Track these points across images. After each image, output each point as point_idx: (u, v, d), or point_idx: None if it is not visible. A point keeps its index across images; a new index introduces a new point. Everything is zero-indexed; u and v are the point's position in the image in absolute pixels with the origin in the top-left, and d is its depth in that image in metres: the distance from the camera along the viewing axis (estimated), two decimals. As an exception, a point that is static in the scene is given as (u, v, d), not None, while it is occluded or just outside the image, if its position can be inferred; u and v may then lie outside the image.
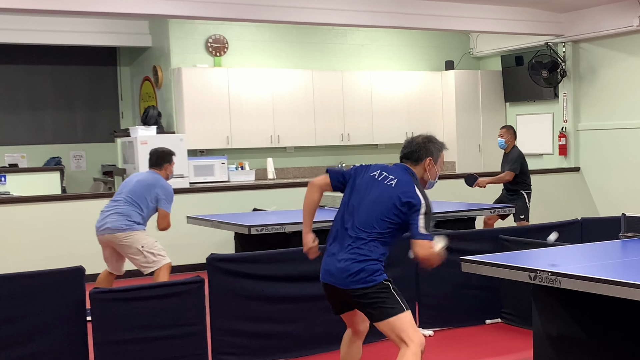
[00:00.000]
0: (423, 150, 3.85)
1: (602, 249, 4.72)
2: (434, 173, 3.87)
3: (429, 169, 3.84)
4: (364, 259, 3.64)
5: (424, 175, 3.85)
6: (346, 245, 3.70)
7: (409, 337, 3.58)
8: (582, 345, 4.20)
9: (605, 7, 10.10)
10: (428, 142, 3.89)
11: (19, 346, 4.26)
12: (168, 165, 6.22)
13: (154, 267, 6.09)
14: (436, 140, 3.93)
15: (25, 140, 11.03)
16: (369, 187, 3.77)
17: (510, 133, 8.38)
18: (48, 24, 9.84)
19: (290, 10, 8.61)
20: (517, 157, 8.27)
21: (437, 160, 3.87)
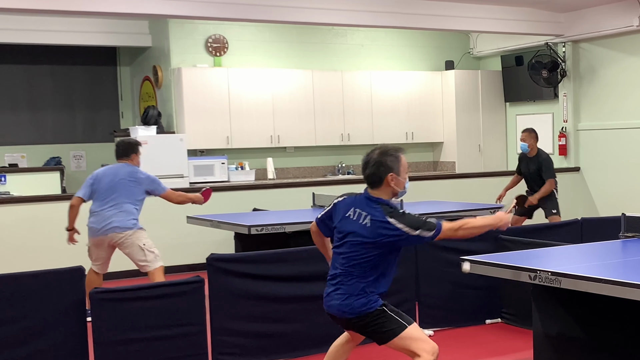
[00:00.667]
0: (382, 168, 3.77)
1: (602, 249, 4.72)
2: (401, 183, 3.83)
3: (395, 184, 3.79)
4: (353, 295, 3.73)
5: (392, 190, 3.82)
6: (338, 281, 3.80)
7: (420, 349, 3.66)
8: (582, 345, 4.20)
9: (605, 7, 10.10)
10: (383, 156, 3.78)
11: (19, 346, 4.26)
12: (135, 156, 6.27)
13: (153, 266, 6.15)
14: (391, 150, 3.81)
15: (25, 140, 11.03)
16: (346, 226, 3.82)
17: (532, 137, 8.37)
18: (48, 24, 9.84)
19: (290, 10, 8.61)
20: (549, 164, 8.34)
21: (399, 170, 3.80)
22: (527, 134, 8.40)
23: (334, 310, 3.81)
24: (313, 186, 8.98)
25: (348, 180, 10.13)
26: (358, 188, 4.26)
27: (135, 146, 6.31)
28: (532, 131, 8.44)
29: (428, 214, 7.14)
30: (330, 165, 11.42)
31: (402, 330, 3.69)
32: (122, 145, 6.32)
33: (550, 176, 8.28)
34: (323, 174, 11.31)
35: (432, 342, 3.73)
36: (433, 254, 5.69)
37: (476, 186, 10.14)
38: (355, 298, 3.72)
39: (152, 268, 6.14)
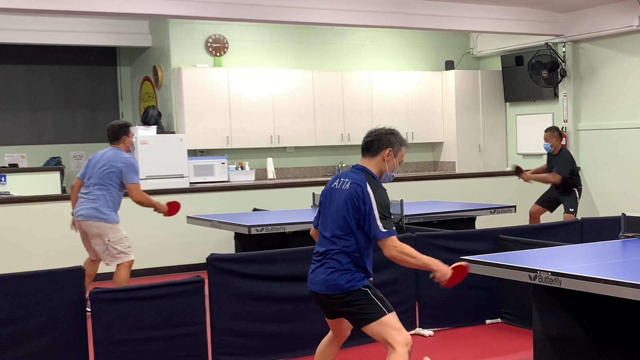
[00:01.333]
0: (384, 140, 3.84)
1: (602, 249, 4.72)
2: (392, 165, 3.85)
3: (388, 160, 3.82)
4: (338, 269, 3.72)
5: (382, 167, 3.84)
6: (323, 255, 3.79)
7: (393, 339, 3.64)
8: (582, 345, 4.20)
9: (605, 7, 10.10)
10: (390, 133, 3.87)
11: (19, 346, 4.26)
12: (125, 137, 6.27)
13: (116, 262, 6.13)
14: (398, 133, 3.92)
15: (25, 140, 11.02)
16: (331, 199, 3.84)
17: (554, 135, 8.43)
18: (48, 24, 9.84)
19: (290, 10, 8.61)
20: (565, 161, 8.38)
21: (397, 153, 3.85)
22: (549, 134, 8.48)
23: (317, 286, 3.79)
24: (313, 186, 8.98)
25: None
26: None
27: (124, 128, 6.31)
28: (554, 130, 8.51)
29: (428, 214, 7.15)
30: (330, 165, 11.42)
31: (381, 316, 3.68)
32: (111, 129, 6.34)
33: (558, 171, 8.31)
34: (323, 174, 11.31)
35: (408, 334, 3.72)
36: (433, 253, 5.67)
37: (476, 186, 10.15)
38: (340, 273, 3.70)
39: (114, 263, 6.13)
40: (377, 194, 3.70)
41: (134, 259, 6.26)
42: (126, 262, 6.17)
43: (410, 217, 6.83)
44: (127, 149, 6.31)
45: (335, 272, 3.72)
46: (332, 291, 3.73)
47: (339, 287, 3.71)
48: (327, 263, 3.75)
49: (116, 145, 6.27)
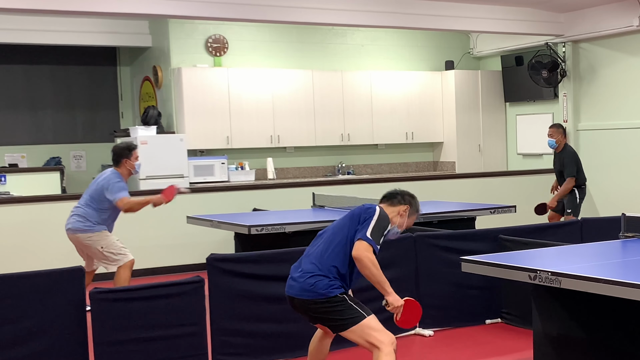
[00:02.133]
0: (407, 197, 4.06)
1: (602, 249, 4.72)
2: (402, 222, 4.03)
3: (402, 215, 4.01)
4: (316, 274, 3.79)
5: (395, 219, 3.99)
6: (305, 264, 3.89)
7: (377, 340, 3.66)
8: (582, 345, 4.20)
9: (605, 7, 10.10)
10: (413, 197, 4.10)
11: (19, 346, 4.26)
12: (126, 161, 6.22)
13: (116, 265, 6.18)
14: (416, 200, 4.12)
15: (25, 140, 11.02)
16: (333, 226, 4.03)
17: (559, 132, 8.35)
18: (48, 24, 9.84)
19: (290, 10, 8.61)
20: (570, 160, 8.29)
21: (410, 215, 4.06)
22: (554, 130, 8.39)
23: (294, 290, 3.83)
24: (313, 186, 8.98)
25: (348, 180, 10.13)
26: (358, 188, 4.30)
27: (125, 150, 6.24)
28: (559, 126, 8.44)
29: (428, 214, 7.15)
30: (330, 165, 11.42)
31: (361, 319, 3.72)
32: (113, 151, 6.34)
33: (569, 174, 8.23)
34: (323, 174, 11.31)
35: (390, 334, 3.74)
36: (433, 254, 5.69)
37: (476, 186, 10.14)
38: (319, 278, 3.76)
39: (115, 266, 6.19)
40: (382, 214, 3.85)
41: (133, 259, 6.27)
42: (126, 262, 6.19)
43: (410, 217, 6.82)
44: (129, 172, 6.26)
45: (314, 277, 3.78)
46: (309, 296, 3.77)
47: (316, 291, 3.75)
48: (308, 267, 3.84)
49: (117, 169, 6.25)
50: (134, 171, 6.28)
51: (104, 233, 6.16)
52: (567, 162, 8.27)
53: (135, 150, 6.28)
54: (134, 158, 6.24)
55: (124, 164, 6.23)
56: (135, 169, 6.27)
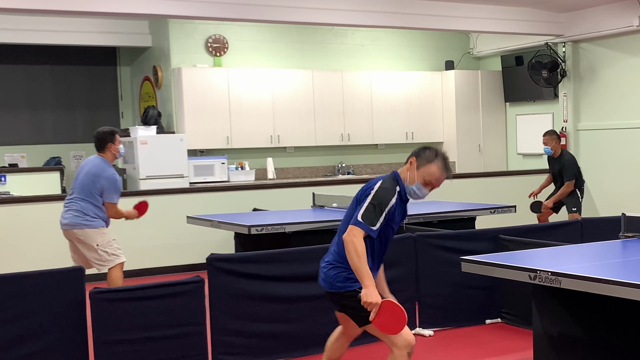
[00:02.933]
0: (415, 150, 3.82)
1: (602, 249, 4.72)
2: (412, 177, 3.75)
3: (410, 169, 3.77)
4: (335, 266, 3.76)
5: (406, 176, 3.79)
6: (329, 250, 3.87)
7: (391, 342, 3.63)
8: (582, 345, 4.20)
9: (605, 7, 10.10)
10: (426, 148, 3.81)
11: (19, 346, 4.26)
12: (111, 145, 6.10)
13: (108, 266, 6.04)
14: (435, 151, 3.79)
15: (25, 140, 11.02)
16: None
17: (554, 139, 8.51)
18: (48, 24, 9.84)
19: (290, 10, 8.61)
20: (570, 164, 8.46)
21: (421, 166, 3.74)
22: (549, 137, 8.56)
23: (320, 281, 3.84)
24: (313, 186, 8.98)
25: (348, 180, 10.13)
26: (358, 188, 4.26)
27: (109, 135, 6.11)
28: (552, 133, 8.61)
29: (428, 214, 7.15)
30: (330, 165, 11.42)
31: None
32: (96, 136, 6.17)
33: (569, 178, 8.44)
34: (323, 174, 11.31)
35: (410, 336, 3.65)
36: (433, 253, 5.69)
37: (476, 186, 10.14)
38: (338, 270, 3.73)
39: (107, 267, 6.05)
40: (380, 189, 3.67)
41: (125, 260, 6.17)
42: (118, 263, 6.09)
43: (410, 217, 6.82)
44: (113, 156, 6.16)
45: (333, 269, 3.76)
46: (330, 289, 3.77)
47: (334, 286, 3.75)
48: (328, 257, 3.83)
49: (102, 154, 6.13)
50: (118, 155, 6.20)
51: (102, 230, 6.03)
52: (568, 167, 8.45)
53: (118, 134, 6.18)
54: (117, 142, 6.13)
55: (108, 149, 6.10)
56: (120, 152, 6.18)
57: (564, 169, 8.44)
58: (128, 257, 6.29)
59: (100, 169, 6.04)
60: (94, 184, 6.01)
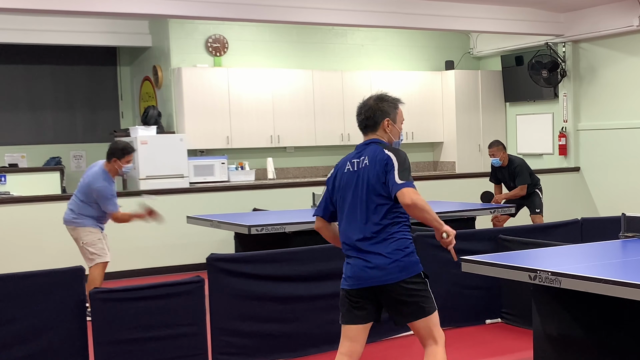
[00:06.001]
0: (378, 112, 3.64)
1: (602, 249, 4.72)
2: (396, 132, 3.69)
3: (390, 130, 3.67)
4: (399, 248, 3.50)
5: (387, 137, 3.68)
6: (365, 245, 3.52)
7: (438, 333, 3.59)
8: (582, 345, 4.20)
9: (605, 7, 10.10)
10: (380, 101, 3.66)
11: (19, 346, 4.26)
12: (116, 161, 6.26)
13: (90, 264, 6.27)
14: (388, 97, 3.70)
15: (25, 140, 11.02)
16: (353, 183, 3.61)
17: (501, 149, 8.36)
18: (48, 24, 9.84)
19: (290, 10, 8.61)
20: (521, 169, 8.32)
21: (395, 118, 3.68)
22: (496, 149, 8.36)
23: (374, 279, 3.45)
24: (313, 186, 8.98)
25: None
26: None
27: (118, 151, 6.26)
28: (498, 144, 8.41)
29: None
30: (330, 165, 11.42)
31: (434, 310, 3.59)
32: (110, 146, 6.39)
33: (522, 182, 8.28)
34: (323, 174, 11.31)
35: None
36: (433, 253, 5.68)
37: (476, 186, 10.11)
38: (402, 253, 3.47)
39: (89, 265, 6.26)
40: (398, 154, 3.54)
41: (108, 261, 6.36)
42: (99, 263, 6.28)
43: (410, 217, 6.82)
44: (116, 171, 6.32)
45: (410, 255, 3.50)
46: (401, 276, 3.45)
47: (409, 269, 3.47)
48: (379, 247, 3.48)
49: (107, 164, 6.31)
50: (120, 172, 6.34)
51: (88, 229, 6.26)
52: (520, 171, 8.28)
53: (130, 155, 6.31)
54: (124, 161, 6.28)
55: (113, 162, 6.28)
56: (123, 170, 6.32)
57: (517, 174, 8.29)
58: (128, 257, 6.35)
59: (93, 179, 6.25)
60: (89, 191, 6.26)
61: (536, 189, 8.45)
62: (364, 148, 3.67)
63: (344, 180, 3.66)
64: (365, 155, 3.62)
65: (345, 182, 3.66)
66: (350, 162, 3.68)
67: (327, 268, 5.17)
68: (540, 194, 8.46)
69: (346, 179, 3.65)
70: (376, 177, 3.53)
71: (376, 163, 3.55)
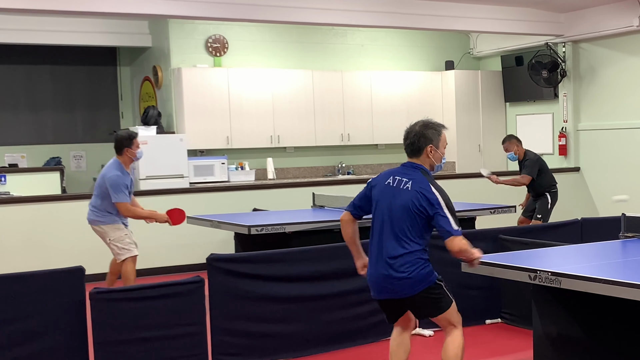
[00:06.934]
0: (422, 139, 3.91)
1: (602, 249, 4.72)
2: (438, 157, 3.94)
3: (433, 155, 3.91)
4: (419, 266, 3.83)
5: (430, 162, 3.94)
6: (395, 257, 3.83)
7: (455, 319, 3.97)
8: (582, 345, 4.20)
9: (605, 7, 10.10)
10: (425, 128, 3.93)
11: (19, 346, 4.26)
12: (127, 149, 6.30)
13: (120, 259, 6.29)
14: (433, 123, 3.97)
15: (25, 140, 11.02)
16: (390, 197, 3.88)
17: (513, 143, 8.35)
18: (48, 24, 9.84)
19: (290, 10, 8.61)
20: (531, 162, 8.28)
21: (439, 144, 3.93)
22: (508, 143, 8.37)
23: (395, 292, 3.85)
24: (313, 186, 8.98)
25: (348, 180, 10.13)
26: (358, 188, 4.26)
27: (127, 140, 6.32)
28: (510, 138, 8.42)
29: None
30: (330, 165, 11.42)
31: (451, 302, 3.94)
32: (115, 139, 6.43)
33: (526, 173, 8.25)
34: (323, 174, 11.31)
35: None
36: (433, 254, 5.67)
37: (476, 186, 10.13)
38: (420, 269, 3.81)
39: (119, 260, 6.29)
40: (442, 193, 3.81)
41: (136, 254, 6.36)
42: (129, 257, 6.27)
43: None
44: (130, 160, 6.37)
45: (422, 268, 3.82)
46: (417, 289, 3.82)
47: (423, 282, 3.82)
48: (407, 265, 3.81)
49: (119, 157, 6.35)
50: (135, 158, 6.38)
51: (114, 225, 6.27)
52: (528, 164, 8.26)
53: (136, 139, 6.37)
54: (135, 146, 6.33)
55: (125, 153, 6.31)
56: (137, 156, 6.37)
57: (524, 166, 8.30)
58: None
59: (107, 170, 6.30)
60: (103, 184, 6.28)
61: (546, 191, 8.34)
62: (411, 171, 3.92)
63: (384, 192, 3.92)
64: (411, 180, 3.86)
65: (384, 194, 3.92)
66: (393, 178, 3.93)
67: (327, 268, 5.17)
68: (549, 199, 8.33)
69: (385, 191, 3.92)
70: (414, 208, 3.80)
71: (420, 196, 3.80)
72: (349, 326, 5.24)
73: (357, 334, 5.32)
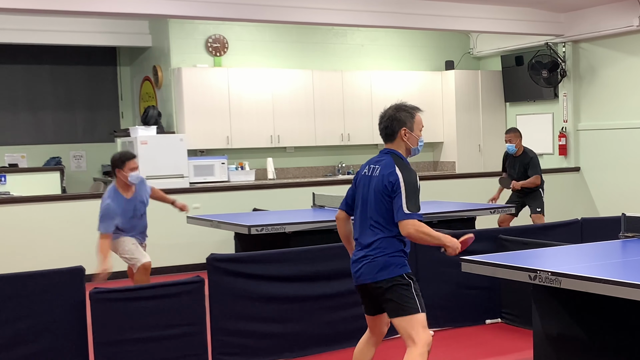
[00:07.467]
0: (395, 122, 3.84)
1: (602, 249, 4.72)
2: (414, 140, 3.87)
3: (407, 138, 3.84)
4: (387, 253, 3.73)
5: (405, 145, 3.87)
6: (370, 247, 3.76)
7: (418, 336, 3.65)
8: (582, 345, 4.20)
9: (605, 7, 10.10)
10: (398, 111, 3.86)
11: (19, 346, 4.27)
12: (119, 171, 5.98)
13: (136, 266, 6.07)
14: (406, 106, 3.89)
15: (25, 140, 11.03)
16: (365, 186, 3.86)
17: (517, 136, 8.42)
18: (48, 24, 9.84)
19: (290, 10, 8.61)
20: (536, 161, 8.38)
21: (413, 126, 3.85)
22: (513, 135, 8.42)
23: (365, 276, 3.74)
24: (313, 186, 8.98)
25: (348, 180, 10.11)
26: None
27: (118, 161, 6.00)
28: (516, 130, 8.49)
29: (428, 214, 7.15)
30: (330, 165, 11.42)
31: (416, 312, 3.69)
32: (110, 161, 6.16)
33: (536, 173, 8.31)
34: (323, 174, 11.31)
35: (430, 335, 3.73)
36: (433, 253, 5.68)
37: (476, 186, 10.14)
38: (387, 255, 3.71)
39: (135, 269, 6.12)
40: (405, 173, 3.73)
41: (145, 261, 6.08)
42: (139, 266, 6.06)
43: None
44: (124, 183, 6.03)
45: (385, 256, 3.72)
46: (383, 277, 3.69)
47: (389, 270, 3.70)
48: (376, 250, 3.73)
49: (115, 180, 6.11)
50: (129, 182, 6.00)
51: (119, 240, 6.06)
52: (534, 164, 8.32)
53: (131, 161, 5.98)
54: (127, 169, 5.94)
55: (118, 174, 6.01)
56: (129, 180, 5.96)
57: (531, 165, 8.32)
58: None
59: (104, 197, 6.06)
60: None
61: (540, 188, 8.44)
62: (383, 157, 3.87)
63: (361, 182, 3.91)
64: (380, 166, 3.82)
65: (362, 184, 3.90)
66: (369, 167, 3.90)
67: (327, 268, 5.17)
68: (542, 193, 8.45)
69: (362, 181, 3.90)
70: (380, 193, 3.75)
71: (384, 179, 3.74)
72: (349, 326, 5.23)
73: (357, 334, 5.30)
